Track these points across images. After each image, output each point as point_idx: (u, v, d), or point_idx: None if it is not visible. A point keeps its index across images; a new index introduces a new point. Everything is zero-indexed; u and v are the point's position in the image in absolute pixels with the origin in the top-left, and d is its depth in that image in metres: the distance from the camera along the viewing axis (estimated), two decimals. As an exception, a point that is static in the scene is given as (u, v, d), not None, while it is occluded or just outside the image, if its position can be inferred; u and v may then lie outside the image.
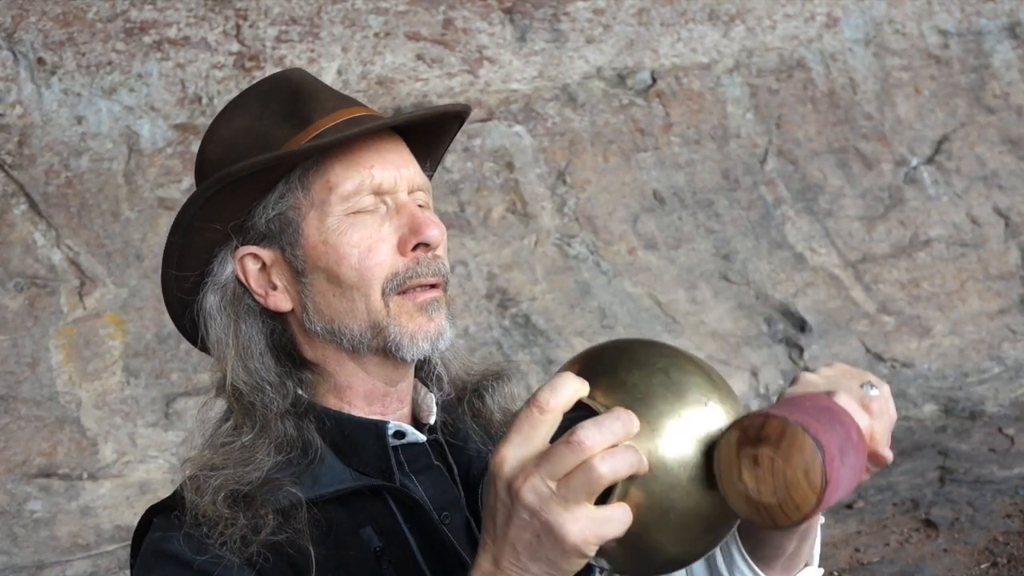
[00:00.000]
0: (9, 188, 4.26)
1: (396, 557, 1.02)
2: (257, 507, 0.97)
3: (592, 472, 0.74)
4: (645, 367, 0.83)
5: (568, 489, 0.74)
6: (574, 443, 0.74)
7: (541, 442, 0.77)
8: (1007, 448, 4.56)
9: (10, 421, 3.89)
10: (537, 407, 0.77)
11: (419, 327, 1.05)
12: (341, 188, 1.05)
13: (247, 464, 1.00)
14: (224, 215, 1.07)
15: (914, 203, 5.93)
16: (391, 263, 1.05)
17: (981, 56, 6.42)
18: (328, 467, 1.04)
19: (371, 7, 5.12)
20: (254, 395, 1.05)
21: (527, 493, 0.75)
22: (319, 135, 1.05)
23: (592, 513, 0.75)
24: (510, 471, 0.77)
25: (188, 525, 0.97)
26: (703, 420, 0.80)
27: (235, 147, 1.08)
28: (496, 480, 0.78)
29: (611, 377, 0.82)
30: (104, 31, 4.55)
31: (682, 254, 5.39)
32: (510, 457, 0.77)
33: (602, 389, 0.81)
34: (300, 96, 1.09)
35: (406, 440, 1.09)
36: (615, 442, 0.75)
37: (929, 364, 5.37)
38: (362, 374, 1.09)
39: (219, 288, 1.09)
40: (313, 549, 0.96)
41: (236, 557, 0.94)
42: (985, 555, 3.59)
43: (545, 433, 0.77)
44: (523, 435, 0.77)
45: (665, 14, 5.79)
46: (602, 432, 0.75)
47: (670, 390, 0.81)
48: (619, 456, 0.75)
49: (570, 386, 0.79)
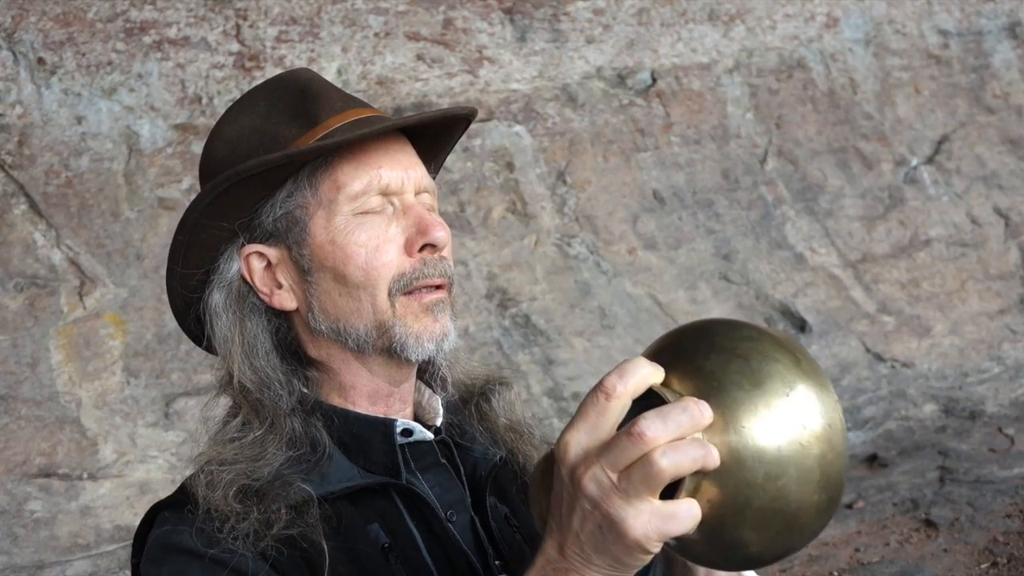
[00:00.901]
0: (9, 188, 4.26)
1: (403, 553, 1.02)
2: (269, 502, 0.97)
3: (652, 467, 0.70)
4: (724, 352, 0.77)
5: (629, 483, 0.71)
6: (635, 435, 0.71)
7: (606, 430, 0.74)
8: (1007, 448, 4.56)
9: (10, 421, 3.89)
10: (603, 392, 0.74)
11: (425, 328, 1.06)
12: (349, 188, 1.05)
13: (258, 459, 1.00)
14: (231, 213, 1.07)
15: (914, 203, 5.93)
16: (398, 263, 1.05)
17: (981, 56, 6.41)
18: (336, 464, 1.04)
19: (371, 7, 5.12)
20: (262, 392, 1.05)
21: (589, 483, 0.73)
22: (328, 135, 1.05)
23: (656, 508, 0.72)
24: (574, 458, 0.74)
25: (200, 519, 0.97)
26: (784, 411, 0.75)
27: (242, 146, 1.08)
28: (560, 466, 0.76)
29: (688, 362, 0.77)
30: (104, 31, 4.55)
31: (682, 254, 5.39)
32: (573, 443, 0.75)
33: (678, 375, 0.77)
34: (308, 96, 1.09)
35: (413, 438, 1.09)
36: (680, 435, 0.72)
37: (929, 364, 5.37)
38: (366, 374, 1.09)
39: (225, 286, 1.09)
40: (326, 544, 0.96)
41: (249, 551, 0.94)
42: (985, 555, 3.59)
43: (612, 420, 0.74)
44: (588, 421, 0.74)
45: (665, 14, 5.78)
46: (666, 424, 0.71)
47: (748, 379, 0.75)
48: (682, 450, 0.71)
49: (640, 371, 0.75)
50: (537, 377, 4.68)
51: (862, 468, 4.57)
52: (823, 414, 0.76)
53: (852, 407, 5.02)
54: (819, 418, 0.76)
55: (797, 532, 0.77)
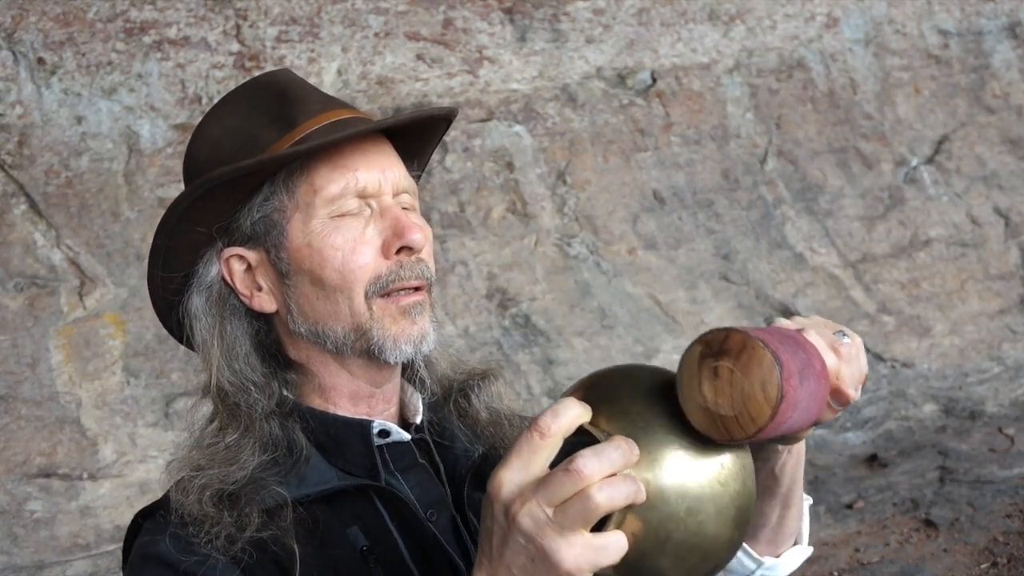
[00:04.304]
0: (9, 188, 4.26)
1: (383, 556, 1.03)
2: (242, 506, 0.98)
3: (589, 501, 0.74)
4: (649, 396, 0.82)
5: (564, 516, 0.74)
6: (572, 471, 0.74)
7: (540, 467, 0.77)
8: (1007, 448, 4.56)
9: (10, 421, 3.90)
10: (538, 432, 0.77)
11: (402, 330, 1.06)
12: (326, 191, 1.05)
13: (232, 464, 1.01)
14: (209, 218, 1.07)
15: (914, 203, 5.93)
16: (374, 266, 1.05)
17: (981, 56, 6.41)
18: (313, 467, 1.04)
19: (371, 7, 5.12)
20: (239, 395, 1.06)
21: (524, 518, 0.75)
22: (305, 137, 1.05)
23: (588, 540, 0.75)
24: (508, 494, 0.77)
25: (174, 525, 0.98)
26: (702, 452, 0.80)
27: (222, 147, 1.08)
28: (494, 502, 0.78)
29: (614, 404, 0.82)
30: (104, 31, 4.55)
31: (682, 254, 5.39)
32: (508, 480, 0.77)
33: (605, 415, 0.81)
34: (287, 98, 1.09)
35: (391, 439, 1.09)
36: (613, 471, 0.75)
37: (929, 364, 5.36)
38: (346, 375, 1.09)
39: (204, 289, 1.09)
40: (298, 547, 0.97)
41: (221, 555, 0.95)
42: (985, 555, 3.59)
43: (545, 458, 0.77)
44: (523, 459, 0.77)
45: (665, 14, 5.78)
46: (601, 461, 0.75)
47: (671, 420, 0.80)
48: (616, 486, 0.75)
49: (572, 411, 0.78)
50: (537, 377, 4.68)
51: (862, 468, 4.57)
52: (739, 456, 0.83)
53: (852, 407, 5.01)
54: (735, 459, 0.82)
55: (712, 565, 0.83)
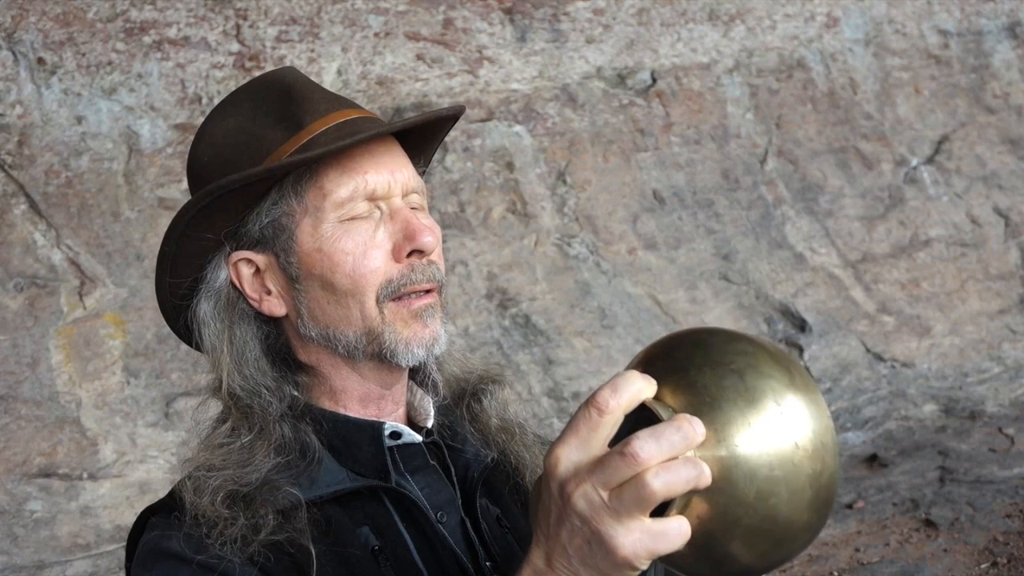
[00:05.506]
0: (9, 188, 4.26)
1: (393, 556, 1.02)
2: (256, 507, 0.97)
3: (645, 488, 0.70)
4: (718, 367, 0.76)
5: (620, 502, 0.71)
6: (628, 455, 0.70)
7: (598, 446, 0.73)
8: (1007, 448, 4.56)
9: (10, 421, 3.89)
10: (596, 408, 0.73)
11: (414, 334, 1.05)
12: (335, 195, 1.04)
13: (246, 465, 1.00)
14: (217, 225, 1.06)
15: (914, 203, 5.92)
16: (385, 270, 1.05)
17: (981, 56, 6.41)
18: (325, 468, 1.04)
19: (371, 7, 5.12)
20: (251, 399, 1.05)
21: (579, 500, 0.72)
22: (312, 139, 1.04)
23: (646, 526, 0.71)
24: (564, 473, 0.74)
25: (188, 525, 0.97)
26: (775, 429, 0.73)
27: (227, 149, 1.07)
28: (549, 480, 0.75)
29: (680, 376, 0.76)
30: (104, 31, 4.55)
31: (682, 254, 5.39)
32: (564, 458, 0.74)
33: (670, 388, 0.76)
34: (292, 98, 1.08)
35: (402, 440, 1.09)
36: (673, 454, 0.71)
37: (929, 364, 5.36)
38: (357, 378, 1.09)
39: (213, 294, 1.09)
40: (313, 547, 0.96)
41: (236, 556, 0.94)
42: (985, 555, 3.59)
43: (603, 436, 0.73)
44: (580, 437, 0.73)
45: (665, 14, 5.78)
46: (659, 444, 0.70)
47: (742, 395, 0.74)
48: (676, 471, 0.70)
49: (633, 386, 0.74)
50: (537, 377, 4.68)
51: (862, 468, 4.57)
52: (816, 432, 0.75)
53: (852, 407, 5.02)
54: (812, 437, 0.75)
55: (786, 549, 0.76)
